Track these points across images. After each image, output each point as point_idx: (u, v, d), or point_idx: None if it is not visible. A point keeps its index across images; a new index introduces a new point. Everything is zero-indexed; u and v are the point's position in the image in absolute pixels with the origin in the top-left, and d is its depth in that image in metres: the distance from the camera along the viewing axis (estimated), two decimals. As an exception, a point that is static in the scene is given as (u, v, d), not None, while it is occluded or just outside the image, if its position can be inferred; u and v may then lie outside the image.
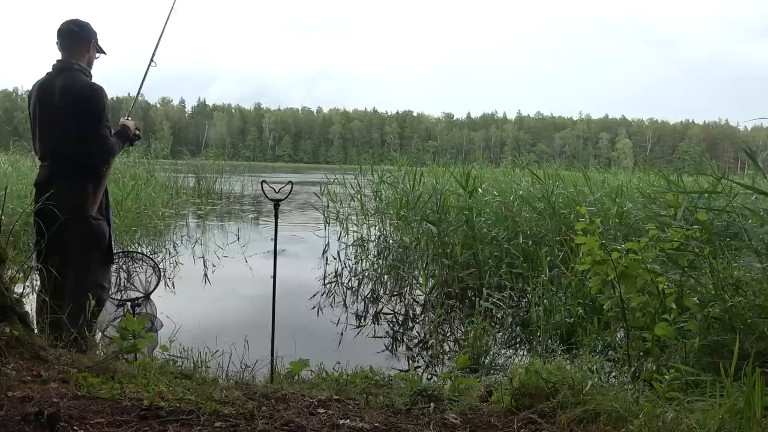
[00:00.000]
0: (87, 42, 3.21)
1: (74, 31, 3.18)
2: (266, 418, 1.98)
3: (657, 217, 4.52)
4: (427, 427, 2.03)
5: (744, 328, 2.61)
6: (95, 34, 3.25)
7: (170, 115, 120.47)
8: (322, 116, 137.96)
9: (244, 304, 5.35)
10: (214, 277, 6.37)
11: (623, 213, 5.87)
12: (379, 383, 2.70)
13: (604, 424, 1.95)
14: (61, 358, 2.37)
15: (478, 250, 5.80)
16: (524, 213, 6.55)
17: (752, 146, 4.07)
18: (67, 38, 3.17)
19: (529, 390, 2.18)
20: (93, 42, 3.24)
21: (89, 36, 3.22)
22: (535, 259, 5.47)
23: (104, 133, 3.11)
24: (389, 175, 10.15)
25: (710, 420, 1.84)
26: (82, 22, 3.22)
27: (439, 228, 6.33)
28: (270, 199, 3.14)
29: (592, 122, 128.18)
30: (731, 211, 3.65)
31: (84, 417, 1.85)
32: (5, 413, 1.78)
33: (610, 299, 3.33)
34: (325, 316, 5.07)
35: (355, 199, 10.41)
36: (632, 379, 2.91)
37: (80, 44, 3.19)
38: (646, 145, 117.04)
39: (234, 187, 16.97)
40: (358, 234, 8.64)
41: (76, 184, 3.11)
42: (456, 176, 7.84)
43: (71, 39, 3.17)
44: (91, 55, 3.25)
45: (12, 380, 2.04)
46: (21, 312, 2.40)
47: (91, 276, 3.16)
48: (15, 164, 9.50)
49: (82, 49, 3.20)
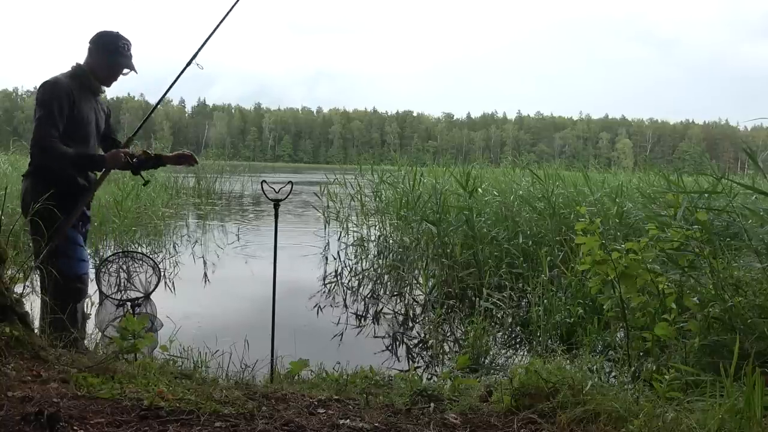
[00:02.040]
0: (90, 46, 3.27)
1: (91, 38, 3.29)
2: (266, 418, 1.98)
3: (657, 217, 4.51)
4: (427, 427, 2.03)
5: (744, 328, 2.61)
6: (100, 43, 3.25)
7: (170, 115, 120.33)
8: (322, 116, 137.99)
9: (244, 304, 5.34)
10: (214, 277, 6.37)
11: (623, 213, 5.87)
12: (379, 383, 2.70)
13: (604, 424, 1.95)
14: (61, 358, 2.37)
15: (478, 250, 5.80)
16: (524, 213, 6.55)
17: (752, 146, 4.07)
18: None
19: (529, 390, 2.18)
20: (91, 48, 3.26)
21: (91, 42, 3.27)
22: (535, 259, 5.47)
23: (37, 124, 3.03)
24: (389, 175, 10.15)
25: (710, 420, 1.84)
26: (101, 32, 3.30)
27: (439, 228, 6.33)
28: (270, 199, 3.14)
29: (592, 122, 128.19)
30: (731, 211, 3.65)
31: (84, 417, 1.85)
32: (5, 413, 1.78)
33: (610, 299, 3.33)
34: (325, 316, 5.07)
35: (355, 199, 10.41)
36: (632, 379, 2.91)
37: (88, 49, 3.28)
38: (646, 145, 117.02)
39: (234, 187, 16.97)
40: (358, 234, 8.64)
41: (26, 183, 3.19)
42: (456, 176, 7.84)
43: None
44: (92, 61, 3.25)
45: (12, 380, 2.03)
46: (21, 312, 2.40)
47: (50, 284, 2.99)
48: (15, 164, 9.50)
49: (88, 52, 3.28)
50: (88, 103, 3.23)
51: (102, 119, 3.38)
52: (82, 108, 3.16)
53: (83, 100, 3.18)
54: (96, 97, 3.33)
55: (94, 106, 3.29)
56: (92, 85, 3.26)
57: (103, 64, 3.25)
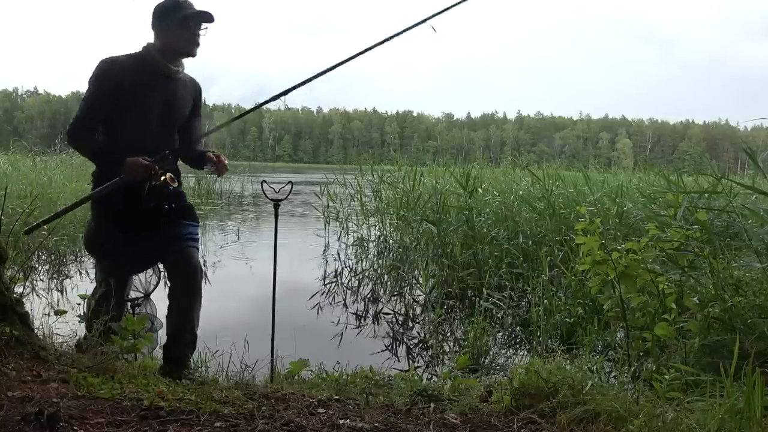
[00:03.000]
0: (152, 22, 2.83)
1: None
2: (266, 418, 1.98)
3: (657, 217, 4.52)
4: (427, 427, 2.03)
5: (744, 328, 2.61)
6: (157, 13, 2.79)
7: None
8: (322, 116, 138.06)
9: (244, 304, 5.34)
10: (214, 277, 6.36)
11: (623, 213, 5.87)
12: (379, 383, 2.70)
13: (604, 424, 1.95)
14: (61, 358, 2.37)
15: (478, 250, 5.80)
16: (524, 213, 6.55)
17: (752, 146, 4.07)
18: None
19: (529, 390, 2.18)
20: (153, 23, 2.80)
21: (153, 17, 2.82)
22: (535, 259, 5.47)
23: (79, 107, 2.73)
24: (389, 175, 10.15)
25: (710, 420, 1.84)
26: (157, 4, 2.82)
27: (439, 228, 6.33)
28: (270, 199, 3.14)
29: (592, 122, 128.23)
30: (731, 211, 3.65)
31: (84, 417, 1.85)
32: (5, 413, 1.78)
33: (610, 299, 3.33)
34: (325, 316, 5.07)
35: (355, 199, 10.41)
36: (632, 379, 2.91)
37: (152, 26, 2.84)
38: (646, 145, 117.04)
39: (234, 187, 16.96)
40: (358, 234, 8.64)
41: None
42: (456, 176, 7.84)
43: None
44: (158, 37, 2.79)
45: (12, 380, 2.04)
46: (21, 312, 2.40)
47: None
48: (15, 164, 9.50)
49: (153, 30, 2.83)
50: (153, 88, 2.74)
51: (179, 108, 2.87)
52: (140, 93, 2.71)
53: (145, 84, 2.72)
54: (170, 80, 2.79)
55: (165, 91, 2.78)
56: (159, 66, 2.74)
57: (170, 33, 2.75)
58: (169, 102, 2.81)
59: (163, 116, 2.80)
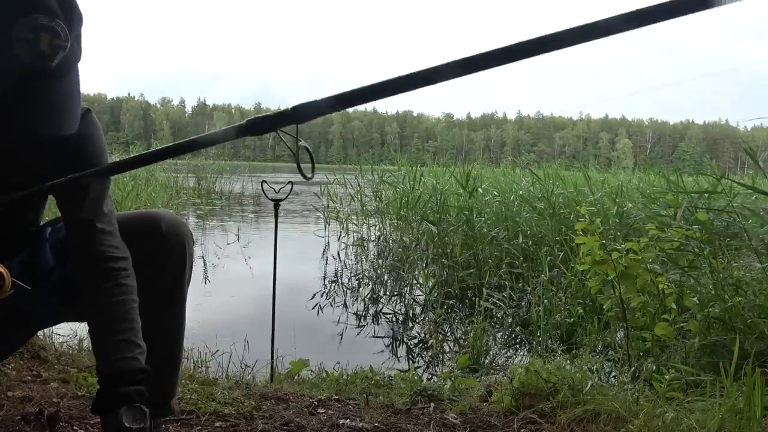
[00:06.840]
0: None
1: None
2: (266, 418, 1.99)
3: (657, 217, 4.51)
4: (427, 427, 2.03)
5: (744, 328, 2.61)
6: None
7: (170, 115, 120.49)
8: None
9: (244, 304, 5.34)
10: (214, 277, 6.36)
11: (623, 213, 5.86)
12: (379, 383, 2.70)
13: (604, 424, 1.95)
14: (61, 358, 2.37)
15: (478, 250, 5.80)
16: (524, 213, 6.55)
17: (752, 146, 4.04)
18: None
19: (529, 390, 2.18)
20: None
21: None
22: (535, 259, 5.47)
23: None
24: (389, 175, 10.15)
25: (710, 420, 1.83)
26: None
27: (439, 228, 6.34)
28: (270, 199, 3.14)
29: (592, 122, 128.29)
30: (731, 211, 3.65)
31: (84, 417, 1.85)
32: (5, 413, 1.78)
33: (610, 299, 3.33)
34: (325, 316, 5.07)
35: (355, 199, 10.41)
36: (632, 379, 2.91)
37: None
38: (646, 145, 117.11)
39: (234, 187, 16.96)
40: (358, 234, 8.64)
41: None
42: (456, 176, 7.84)
43: None
44: None
45: (12, 380, 2.04)
46: (21, 312, 2.40)
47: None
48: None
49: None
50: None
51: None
52: None
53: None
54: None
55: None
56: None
57: None
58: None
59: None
